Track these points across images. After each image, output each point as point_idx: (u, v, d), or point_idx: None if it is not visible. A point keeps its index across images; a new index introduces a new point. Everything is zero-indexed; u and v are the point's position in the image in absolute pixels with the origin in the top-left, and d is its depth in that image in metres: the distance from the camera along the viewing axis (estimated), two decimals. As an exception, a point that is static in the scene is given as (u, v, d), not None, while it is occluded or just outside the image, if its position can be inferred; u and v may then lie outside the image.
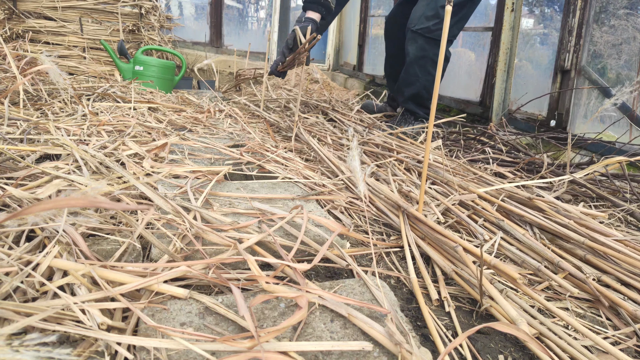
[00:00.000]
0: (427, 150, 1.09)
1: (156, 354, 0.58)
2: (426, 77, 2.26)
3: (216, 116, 2.24)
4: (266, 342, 0.60)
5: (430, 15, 2.16)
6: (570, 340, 0.74)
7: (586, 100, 2.18)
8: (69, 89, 2.05)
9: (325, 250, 0.88)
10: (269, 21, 4.77)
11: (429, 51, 2.20)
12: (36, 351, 0.48)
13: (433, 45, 2.19)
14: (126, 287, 0.68)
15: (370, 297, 0.77)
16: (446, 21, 1.01)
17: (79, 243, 0.75)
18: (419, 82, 2.27)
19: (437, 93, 1.06)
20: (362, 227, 1.16)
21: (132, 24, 3.56)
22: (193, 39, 4.51)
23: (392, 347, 0.64)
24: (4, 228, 0.77)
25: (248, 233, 0.93)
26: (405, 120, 2.41)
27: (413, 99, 2.33)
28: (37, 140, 1.40)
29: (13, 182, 1.01)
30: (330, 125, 2.23)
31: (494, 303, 0.83)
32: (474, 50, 2.95)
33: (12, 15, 3.33)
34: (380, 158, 1.72)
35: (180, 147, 1.54)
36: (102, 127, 1.66)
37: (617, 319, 0.88)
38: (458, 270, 0.93)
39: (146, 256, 0.87)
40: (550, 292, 0.94)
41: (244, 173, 1.40)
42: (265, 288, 0.73)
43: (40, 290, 0.67)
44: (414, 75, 2.26)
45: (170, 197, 1.00)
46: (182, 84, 3.53)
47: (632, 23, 1.98)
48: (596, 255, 1.06)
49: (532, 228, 1.20)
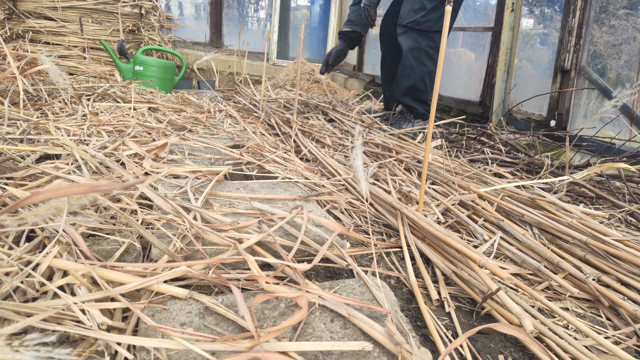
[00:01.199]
0: (427, 150, 1.09)
1: (156, 354, 0.58)
2: (421, 69, 2.32)
3: (216, 116, 2.24)
4: (266, 342, 0.60)
5: (416, 8, 2.28)
6: (570, 340, 0.74)
7: (586, 101, 2.18)
8: (69, 89, 2.05)
9: (325, 250, 0.88)
10: (269, 21, 4.77)
11: (421, 42, 2.29)
12: (36, 351, 0.48)
13: (424, 37, 2.28)
14: (126, 287, 0.68)
15: (370, 297, 0.77)
16: (446, 21, 1.01)
17: (79, 243, 0.75)
18: (414, 73, 2.33)
19: (437, 93, 1.06)
20: (362, 227, 1.16)
21: (132, 24, 3.56)
22: (193, 39, 4.51)
23: (392, 347, 0.64)
24: (4, 228, 0.77)
25: (248, 233, 0.93)
26: (405, 118, 2.43)
27: (410, 91, 2.38)
28: (37, 140, 1.40)
29: (13, 182, 1.01)
30: (330, 126, 2.23)
31: (494, 304, 0.83)
32: (474, 50, 2.95)
33: (12, 15, 3.33)
34: (380, 158, 1.72)
35: (180, 147, 1.54)
36: (102, 127, 1.66)
37: (617, 318, 0.88)
38: (458, 271, 0.93)
39: (146, 256, 0.87)
40: (550, 292, 0.94)
41: (244, 173, 1.40)
42: (265, 288, 0.73)
43: (40, 290, 0.67)
44: (409, 67, 2.33)
45: (170, 197, 1.00)
46: (182, 84, 3.53)
47: (632, 23, 1.98)
48: (596, 255, 1.06)
49: (532, 228, 1.20)
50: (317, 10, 5.00)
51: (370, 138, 1.93)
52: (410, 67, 2.32)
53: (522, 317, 0.73)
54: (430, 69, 2.32)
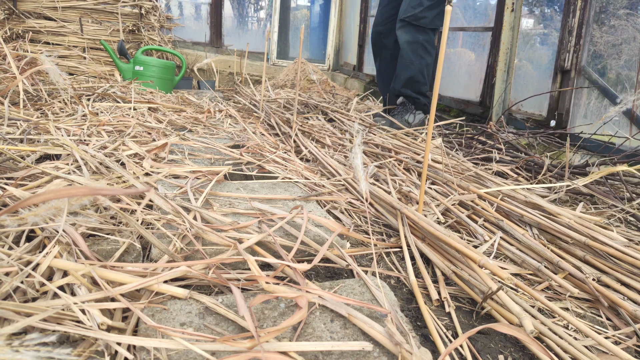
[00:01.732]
0: (427, 150, 1.09)
1: (156, 354, 0.58)
2: (419, 61, 2.42)
3: (216, 116, 2.24)
4: (266, 342, 0.60)
5: (415, 4, 2.39)
6: (570, 340, 0.74)
7: (586, 101, 2.18)
8: (69, 89, 2.05)
9: (326, 250, 0.88)
10: (269, 21, 4.77)
11: (418, 37, 2.41)
12: (36, 351, 0.48)
13: (421, 32, 2.41)
14: (126, 287, 0.68)
15: (371, 297, 0.77)
16: (446, 21, 1.01)
17: (79, 243, 0.75)
18: (413, 65, 2.42)
19: (437, 93, 1.06)
20: (363, 227, 1.16)
21: (132, 24, 3.56)
22: (193, 39, 4.51)
23: (392, 347, 0.64)
24: (4, 228, 0.77)
25: (248, 233, 0.93)
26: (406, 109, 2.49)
27: (409, 83, 2.46)
28: (37, 141, 1.40)
29: (13, 182, 1.01)
30: (330, 126, 2.23)
31: (494, 304, 0.83)
32: (474, 50, 2.95)
33: (12, 15, 3.33)
34: (380, 158, 1.72)
35: (180, 147, 1.54)
36: (102, 127, 1.66)
37: (617, 318, 0.88)
38: (458, 271, 0.93)
39: (146, 256, 0.87)
40: (550, 292, 0.94)
41: (244, 173, 1.40)
42: (265, 288, 0.73)
43: (40, 290, 0.67)
44: (408, 59, 2.43)
45: (170, 197, 1.00)
46: (182, 84, 3.53)
47: (632, 23, 1.98)
48: (596, 255, 1.06)
49: (532, 228, 1.20)
50: (317, 10, 5.00)
51: (370, 138, 1.93)
52: (409, 59, 2.41)
53: (522, 317, 0.73)
54: (427, 62, 2.43)
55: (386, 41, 2.61)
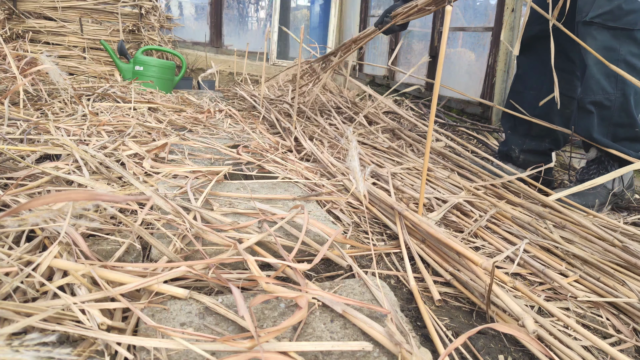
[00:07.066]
0: (427, 150, 1.09)
1: (156, 354, 0.58)
2: (621, 91, 1.45)
3: (216, 116, 2.24)
4: (266, 342, 0.60)
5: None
6: (570, 340, 0.74)
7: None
8: (69, 89, 2.05)
9: (326, 250, 0.88)
10: (269, 21, 4.78)
11: (620, 49, 1.43)
12: (36, 351, 0.48)
13: (625, 40, 1.43)
14: (126, 287, 0.68)
15: (371, 297, 0.77)
16: (446, 21, 1.00)
17: (79, 243, 0.75)
18: (609, 100, 1.46)
19: (437, 93, 1.06)
20: (362, 227, 1.16)
21: (132, 24, 3.57)
22: (193, 39, 4.52)
23: (392, 347, 0.64)
24: (4, 228, 0.77)
25: (248, 233, 0.93)
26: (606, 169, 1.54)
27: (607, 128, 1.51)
28: (37, 141, 1.40)
29: (13, 182, 1.01)
30: (329, 125, 2.23)
31: (496, 309, 0.83)
32: (474, 50, 2.96)
33: (12, 15, 3.33)
34: (380, 158, 1.72)
35: (180, 147, 1.54)
36: (102, 127, 1.66)
37: (617, 319, 0.88)
38: (457, 274, 0.93)
39: (146, 256, 0.87)
40: (550, 292, 0.94)
41: (244, 173, 1.40)
42: (265, 288, 0.73)
43: (40, 290, 0.67)
44: (600, 92, 1.47)
45: (170, 197, 1.00)
46: (182, 84, 3.53)
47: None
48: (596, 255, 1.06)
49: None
50: (317, 10, 5.01)
51: (369, 139, 1.93)
52: (602, 92, 1.46)
53: (523, 317, 0.73)
54: (636, 89, 1.45)
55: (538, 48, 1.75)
